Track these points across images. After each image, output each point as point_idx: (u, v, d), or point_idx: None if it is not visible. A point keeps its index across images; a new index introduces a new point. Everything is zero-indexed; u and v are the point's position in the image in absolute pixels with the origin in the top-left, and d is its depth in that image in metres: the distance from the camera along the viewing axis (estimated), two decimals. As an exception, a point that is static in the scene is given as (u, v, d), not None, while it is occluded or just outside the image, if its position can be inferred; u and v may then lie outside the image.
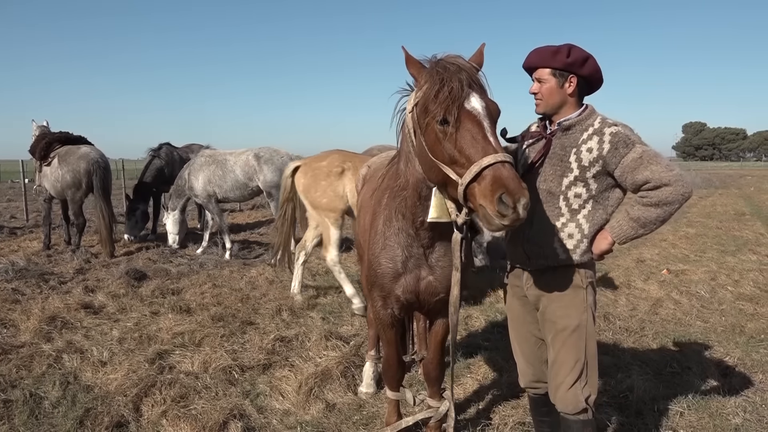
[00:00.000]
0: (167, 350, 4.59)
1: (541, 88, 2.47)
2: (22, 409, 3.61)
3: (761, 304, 6.09)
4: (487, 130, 2.15)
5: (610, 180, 2.45)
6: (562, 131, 2.47)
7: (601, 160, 2.38)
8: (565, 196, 2.46)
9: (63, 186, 8.79)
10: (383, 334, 2.98)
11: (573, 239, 2.47)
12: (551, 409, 2.73)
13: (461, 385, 4.04)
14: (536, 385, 2.73)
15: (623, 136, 2.37)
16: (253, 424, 3.48)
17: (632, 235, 2.42)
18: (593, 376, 2.50)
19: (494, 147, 2.11)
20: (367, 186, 3.56)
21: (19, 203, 15.44)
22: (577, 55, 2.41)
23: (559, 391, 2.49)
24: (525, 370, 2.75)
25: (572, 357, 2.46)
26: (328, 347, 4.57)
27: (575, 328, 2.46)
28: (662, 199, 2.31)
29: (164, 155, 10.49)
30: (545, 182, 2.49)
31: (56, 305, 5.76)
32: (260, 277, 7.32)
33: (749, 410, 3.61)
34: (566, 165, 2.44)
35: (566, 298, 2.50)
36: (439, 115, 2.16)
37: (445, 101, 2.14)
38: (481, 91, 2.22)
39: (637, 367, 4.27)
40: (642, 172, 2.31)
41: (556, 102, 2.48)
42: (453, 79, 2.17)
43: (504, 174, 2.03)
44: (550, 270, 2.51)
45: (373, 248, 2.78)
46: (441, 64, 2.24)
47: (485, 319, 5.57)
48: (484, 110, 2.18)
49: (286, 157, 8.79)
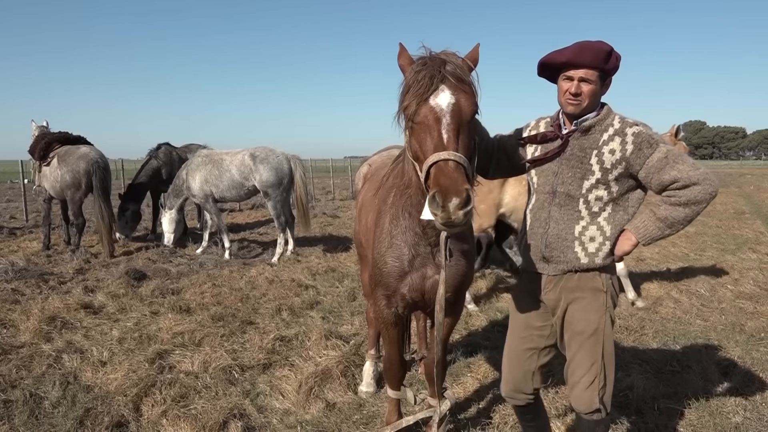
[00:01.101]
0: (167, 350, 4.59)
1: (583, 89, 2.31)
2: (22, 409, 3.61)
3: (761, 303, 6.09)
4: (445, 126, 2.10)
5: (631, 182, 2.39)
6: (581, 132, 2.36)
7: (625, 161, 2.32)
8: (586, 199, 2.38)
9: (62, 186, 8.78)
10: (385, 333, 2.96)
11: (595, 242, 2.40)
12: (535, 415, 2.74)
13: (461, 384, 4.03)
14: (515, 395, 2.66)
15: (646, 136, 2.31)
16: (253, 424, 3.48)
17: (658, 235, 2.35)
18: (609, 376, 2.47)
19: (444, 144, 2.07)
20: (369, 184, 3.55)
21: (19, 204, 15.43)
22: (618, 56, 2.32)
23: (575, 390, 2.47)
24: (507, 379, 2.67)
25: (589, 359, 2.43)
26: (328, 347, 4.56)
27: (593, 332, 2.42)
28: (691, 199, 2.25)
29: (162, 155, 10.51)
30: (563, 185, 2.40)
31: (56, 305, 5.75)
32: (260, 277, 7.32)
33: (749, 409, 3.61)
34: (587, 167, 2.35)
35: (586, 302, 2.44)
36: (409, 109, 2.16)
37: (414, 96, 2.14)
38: (455, 88, 2.15)
39: (637, 366, 4.27)
40: (669, 171, 2.26)
41: (593, 104, 2.35)
42: (426, 74, 2.14)
43: (441, 172, 2.01)
44: (571, 274, 2.45)
45: (378, 247, 2.76)
46: (424, 59, 2.22)
47: (486, 317, 5.57)
48: (449, 106, 2.13)
49: (282, 157, 8.79)
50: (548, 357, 2.64)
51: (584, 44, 2.29)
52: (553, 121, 2.51)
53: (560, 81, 2.37)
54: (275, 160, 8.70)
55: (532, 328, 2.60)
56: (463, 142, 2.12)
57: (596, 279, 2.45)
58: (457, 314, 3.03)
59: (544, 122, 2.57)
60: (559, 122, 2.46)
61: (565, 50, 2.32)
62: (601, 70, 2.31)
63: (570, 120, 2.41)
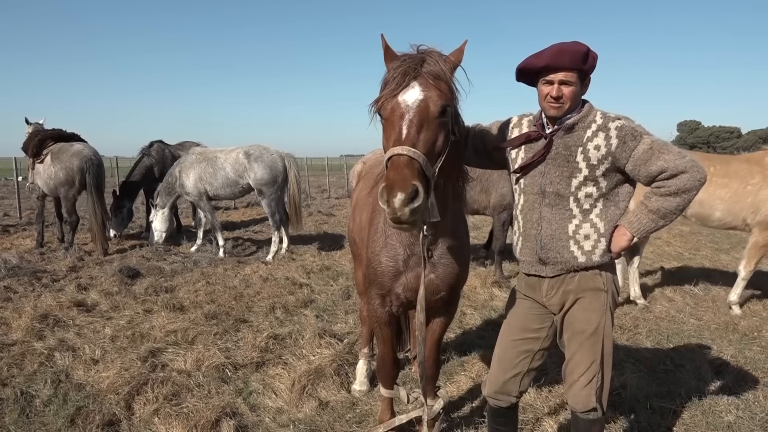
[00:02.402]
0: (160, 348, 4.56)
1: (564, 92, 2.29)
2: (13, 407, 3.58)
3: (754, 302, 6.12)
4: (407, 122, 2.09)
5: (619, 176, 2.38)
6: (565, 130, 2.35)
7: (611, 156, 2.31)
8: (576, 197, 2.37)
9: (56, 183, 8.73)
10: (379, 331, 2.95)
11: (590, 240, 2.39)
12: (508, 420, 2.71)
13: (455, 382, 4.03)
14: (499, 397, 2.64)
15: (629, 129, 2.30)
16: (245, 423, 3.46)
17: (652, 228, 2.35)
18: (607, 375, 2.47)
19: (402, 139, 2.07)
20: (363, 183, 3.53)
21: (12, 201, 15.33)
22: (595, 55, 2.31)
23: (573, 389, 2.47)
24: (494, 379, 2.63)
25: (588, 358, 2.43)
26: (321, 345, 4.55)
27: (594, 331, 2.41)
28: (681, 187, 2.25)
29: (155, 153, 10.48)
30: (552, 185, 2.38)
31: (48, 303, 5.72)
32: (254, 275, 7.29)
33: (742, 408, 3.61)
34: (574, 165, 2.34)
35: (587, 302, 2.43)
36: (379, 104, 2.17)
37: (384, 92, 2.15)
38: (427, 85, 2.14)
39: (631, 365, 4.27)
40: (655, 162, 2.25)
41: (575, 105, 2.34)
42: (401, 71, 2.15)
43: (392, 166, 2.01)
44: (572, 275, 2.44)
45: (373, 246, 2.74)
46: (404, 56, 2.21)
47: (479, 316, 5.57)
48: (415, 102, 2.12)
49: (276, 155, 8.78)
50: (540, 361, 2.62)
51: (561, 47, 2.28)
52: (536, 120, 2.49)
53: (540, 85, 2.35)
54: (269, 158, 8.68)
55: (528, 330, 2.58)
56: (425, 139, 2.11)
57: (597, 278, 2.44)
58: (452, 313, 3.02)
59: (527, 120, 2.55)
60: (542, 122, 2.44)
61: (542, 55, 2.29)
62: (580, 71, 2.30)
63: (552, 121, 2.40)
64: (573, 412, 2.53)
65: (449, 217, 2.58)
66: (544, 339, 2.58)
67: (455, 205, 2.66)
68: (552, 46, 2.30)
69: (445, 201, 2.50)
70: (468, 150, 2.66)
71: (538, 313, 2.57)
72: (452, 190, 2.58)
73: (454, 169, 2.49)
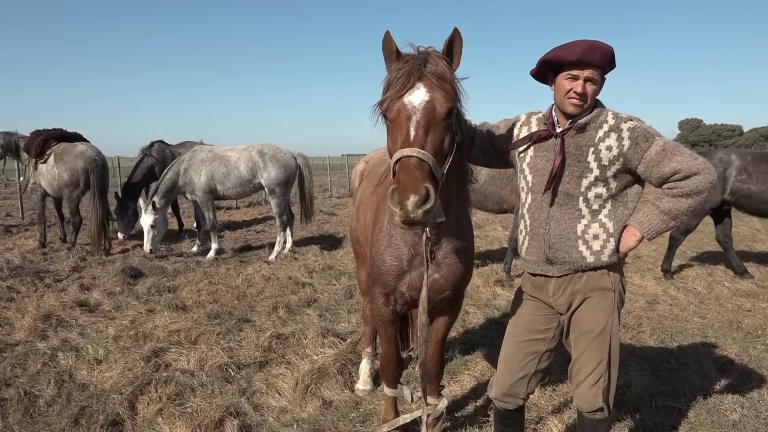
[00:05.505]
0: (163, 348, 4.57)
1: (588, 89, 2.28)
2: (17, 407, 3.58)
3: (758, 300, 6.10)
4: (414, 123, 2.08)
5: (629, 177, 2.37)
6: (577, 130, 2.33)
7: (622, 157, 2.30)
8: (585, 197, 2.36)
9: (60, 184, 8.73)
10: (382, 331, 2.94)
11: (599, 240, 2.37)
12: (515, 422, 2.70)
13: (459, 382, 4.02)
14: (506, 399, 2.63)
15: (642, 130, 2.29)
16: (249, 422, 3.46)
17: (662, 228, 2.34)
18: (614, 375, 2.47)
19: (410, 141, 2.05)
20: (367, 182, 3.52)
21: (15, 201, 15.36)
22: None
23: (580, 389, 2.46)
24: (501, 381, 2.62)
25: (596, 358, 2.41)
26: (324, 344, 4.55)
27: (601, 331, 2.40)
28: (693, 189, 2.24)
29: (156, 153, 10.45)
30: (561, 184, 2.36)
31: (51, 303, 5.73)
32: (257, 275, 7.29)
33: (747, 406, 3.60)
34: (585, 165, 2.32)
35: (595, 302, 2.42)
36: (384, 106, 2.16)
37: (389, 93, 2.14)
38: (432, 86, 2.13)
39: (635, 364, 4.26)
40: (668, 164, 2.25)
41: (592, 104, 2.34)
42: (405, 72, 2.13)
43: (402, 168, 1.99)
44: (579, 275, 2.43)
45: (377, 245, 2.73)
46: (406, 56, 2.20)
47: (482, 315, 5.56)
48: (422, 104, 2.11)
49: (289, 155, 8.82)
50: (548, 362, 2.61)
51: (593, 43, 2.25)
52: (546, 118, 2.46)
53: (562, 79, 2.31)
54: (284, 157, 8.71)
55: (535, 331, 2.56)
56: (433, 140, 2.10)
57: (605, 278, 2.42)
58: (456, 312, 3.01)
59: (536, 118, 2.53)
60: (552, 120, 2.41)
61: (572, 48, 2.25)
62: (603, 71, 2.31)
63: (566, 119, 2.37)
64: (579, 411, 2.52)
65: (453, 217, 2.57)
66: (551, 339, 2.57)
67: (459, 204, 2.65)
68: (581, 42, 2.26)
69: (449, 201, 2.49)
70: (475, 149, 2.65)
71: (544, 313, 2.55)
72: (456, 190, 2.57)
73: (457, 169, 2.48)
